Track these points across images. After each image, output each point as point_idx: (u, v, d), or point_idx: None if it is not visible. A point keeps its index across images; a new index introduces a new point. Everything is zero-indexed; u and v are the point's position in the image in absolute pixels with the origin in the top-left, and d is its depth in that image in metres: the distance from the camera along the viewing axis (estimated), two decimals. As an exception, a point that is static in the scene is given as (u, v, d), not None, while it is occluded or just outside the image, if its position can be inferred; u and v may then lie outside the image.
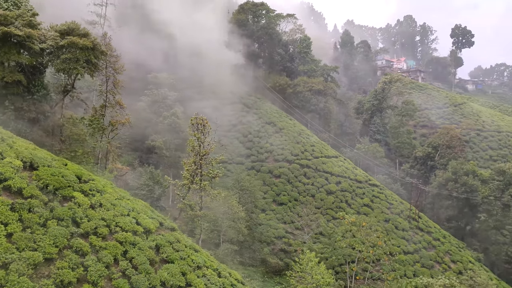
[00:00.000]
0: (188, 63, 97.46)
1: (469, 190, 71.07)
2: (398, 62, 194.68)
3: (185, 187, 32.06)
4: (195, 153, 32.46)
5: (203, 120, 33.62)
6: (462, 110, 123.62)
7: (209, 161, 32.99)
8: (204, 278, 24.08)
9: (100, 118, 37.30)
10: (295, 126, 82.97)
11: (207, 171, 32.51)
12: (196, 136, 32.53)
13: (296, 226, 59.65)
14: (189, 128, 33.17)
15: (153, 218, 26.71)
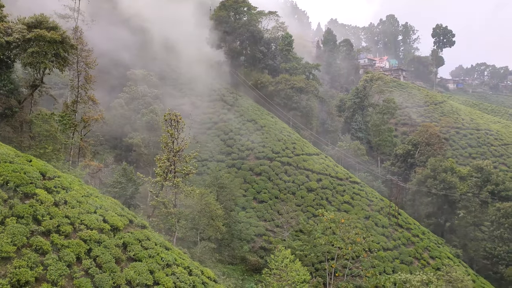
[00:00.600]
0: (168, 60, 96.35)
1: (448, 187, 71.83)
2: (380, 61, 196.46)
3: (158, 184, 31.33)
4: (169, 150, 31.74)
5: (176, 116, 32.88)
6: (442, 108, 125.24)
7: (183, 157, 32.28)
8: (173, 276, 23.44)
9: (71, 114, 36.21)
10: (276, 123, 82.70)
11: (180, 167, 31.79)
12: (169, 132, 31.80)
13: (276, 223, 59.33)
14: (162, 124, 32.40)
15: (122, 216, 25.94)
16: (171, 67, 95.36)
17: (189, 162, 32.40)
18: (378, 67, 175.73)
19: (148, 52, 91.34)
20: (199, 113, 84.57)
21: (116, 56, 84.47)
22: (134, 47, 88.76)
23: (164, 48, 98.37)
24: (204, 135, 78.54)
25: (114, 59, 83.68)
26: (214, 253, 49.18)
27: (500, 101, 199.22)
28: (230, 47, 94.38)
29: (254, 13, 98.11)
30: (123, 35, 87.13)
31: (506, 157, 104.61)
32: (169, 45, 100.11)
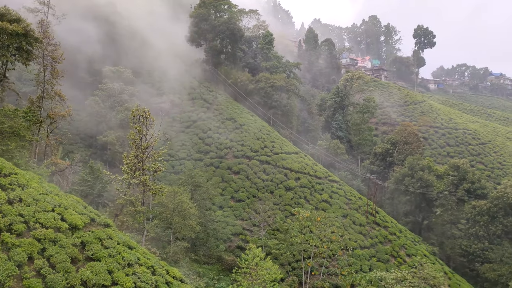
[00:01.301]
0: (147, 58, 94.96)
1: (425, 185, 72.43)
2: (362, 61, 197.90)
3: (125, 181, 30.48)
4: (136, 147, 30.90)
5: (145, 112, 32.05)
6: (421, 108, 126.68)
7: (151, 154, 31.47)
8: (134, 276, 22.65)
9: (36, 110, 35.02)
10: (256, 122, 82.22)
11: (149, 164, 30.98)
12: (137, 129, 30.95)
13: (253, 222, 58.79)
14: (130, 120, 31.55)
15: (83, 214, 25.03)
16: (150, 65, 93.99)
17: (158, 160, 31.59)
18: (360, 67, 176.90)
19: (126, 50, 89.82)
20: (178, 111, 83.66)
21: (92, 53, 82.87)
22: (112, 45, 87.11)
23: (143, 46, 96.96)
24: (183, 134, 77.65)
25: (90, 55, 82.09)
26: (189, 253, 48.45)
27: (480, 102, 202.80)
28: (210, 45, 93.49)
29: (234, 11, 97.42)
30: (99, 32, 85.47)
31: (483, 156, 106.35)
32: (148, 43, 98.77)
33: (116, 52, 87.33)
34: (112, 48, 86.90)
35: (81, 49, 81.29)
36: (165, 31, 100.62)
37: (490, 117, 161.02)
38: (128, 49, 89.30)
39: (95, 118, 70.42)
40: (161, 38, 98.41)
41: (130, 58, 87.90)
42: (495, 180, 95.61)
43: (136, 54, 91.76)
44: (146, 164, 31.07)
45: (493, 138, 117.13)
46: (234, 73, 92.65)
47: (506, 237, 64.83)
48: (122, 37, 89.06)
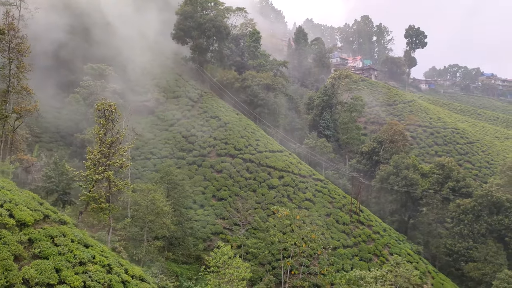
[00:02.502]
0: (132, 56, 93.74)
1: (410, 183, 71.85)
2: (353, 61, 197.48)
3: (89, 178, 29.46)
4: (101, 142, 29.89)
5: (110, 106, 31.04)
6: (411, 107, 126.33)
7: (117, 149, 30.46)
8: (85, 275, 21.66)
9: (1, 105, 33.90)
10: (241, 120, 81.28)
11: (113, 160, 29.95)
12: (101, 123, 29.94)
13: (234, 221, 57.85)
14: (95, 114, 30.52)
15: (36, 211, 24.00)
16: (135, 63, 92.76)
17: (123, 155, 30.57)
18: (350, 66, 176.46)
19: (110, 47, 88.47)
20: (163, 109, 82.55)
21: (74, 50, 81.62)
22: (96, 42, 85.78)
23: (129, 44, 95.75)
24: (166, 132, 76.57)
25: (72, 53, 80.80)
26: (165, 252, 47.42)
27: (471, 102, 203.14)
28: (196, 43, 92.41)
29: (221, 9, 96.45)
30: (80, 28, 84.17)
31: (471, 155, 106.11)
32: (134, 41, 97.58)
33: (102, 52, 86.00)
34: (95, 45, 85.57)
35: (63, 46, 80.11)
36: (152, 29, 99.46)
37: (480, 116, 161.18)
38: (112, 47, 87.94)
39: (75, 116, 69.24)
40: (147, 36, 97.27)
41: (114, 56, 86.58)
42: (483, 179, 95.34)
43: (121, 52, 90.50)
44: (111, 160, 30.00)
45: (481, 137, 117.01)
46: (220, 71, 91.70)
47: (491, 236, 64.38)
48: (105, 34, 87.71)
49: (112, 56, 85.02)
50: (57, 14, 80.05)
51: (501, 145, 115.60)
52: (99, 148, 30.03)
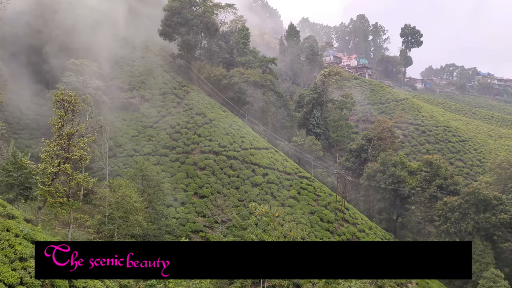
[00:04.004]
0: (119, 52, 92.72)
1: (397, 181, 70.75)
2: (348, 59, 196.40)
3: (46, 171, 28.32)
4: (58, 134, 28.76)
5: (70, 96, 29.91)
6: (403, 105, 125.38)
7: (76, 142, 29.33)
8: (24, 271, 20.52)
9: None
10: (227, 117, 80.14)
11: (72, 153, 28.80)
12: (59, 114, 28.82)
13: (215, 219, 56.76)
14: (53, 105, 29.41)
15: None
16: (122, 59, 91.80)
17: (84, 147, 29.43)
18: (344, 65, 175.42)
19: (96, 44, 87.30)
20: (148, 106, 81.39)
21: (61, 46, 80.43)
22: (81, 39, 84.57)
23: (116, 40, 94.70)
24: (151, 129, 75.38)
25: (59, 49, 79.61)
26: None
27: (467, 101, 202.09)
28: (184, 39, 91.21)
29: (209, 5, 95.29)
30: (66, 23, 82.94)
31: (463, 153, 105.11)
32: (120, 37, 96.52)
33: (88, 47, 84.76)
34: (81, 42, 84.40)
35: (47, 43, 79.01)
36: (139, 25, 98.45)
37: (475, 115, 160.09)
38: (98, 44, 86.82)
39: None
40: (135, 33, 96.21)
41: (99, 52, 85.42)
42: (474, 177, 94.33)
43: (107, 49, 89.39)
44: (70, 153, 28.86)
45: (474, 136, 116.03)
46: (207, 68, 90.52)
47: (477, 234, 63.26)
48: (91, 31, 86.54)
49: (97, 52, 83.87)
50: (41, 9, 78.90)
51: (494, 144, 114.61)
52: (56, 140, 28.86)
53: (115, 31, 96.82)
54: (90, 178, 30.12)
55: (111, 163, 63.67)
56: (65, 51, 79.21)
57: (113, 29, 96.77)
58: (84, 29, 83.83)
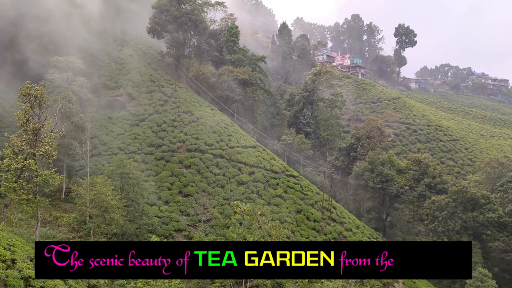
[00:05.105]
0: (106, 49, 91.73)
1: (385, 180, 70.09)
2: (342, 59, 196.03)
3: (11, 167, 27.36)
4: (24, 129, 27.86)
5: (37, 90, 28.98)
6: (395, 104, 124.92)
7: (42, 138, 28.40)
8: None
9: None
10: (215, 115, 79.25)
11: (37, 149, 27.88)
12: (24, 109, 27.91)
13: (199, 218, 55.84)
14: (18, 99, 28.46)
15: None
16: (109, 56, 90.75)
17: (49, 143, 28.49)
18: (337, 64, 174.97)
19: (82, 41, 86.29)
20: (134, 104, 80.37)
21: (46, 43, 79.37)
22: (67, 35, 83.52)
23: (103, 38, 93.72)
24: (137, 127, 74.38)
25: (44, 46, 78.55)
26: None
27: (460, 101, 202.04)
28: (173, 37, 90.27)
29: (198, 3, 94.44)
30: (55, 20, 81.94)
31: (454, 152, 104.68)
32: (108, 34, 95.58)
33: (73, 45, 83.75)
34: (67, 38, 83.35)
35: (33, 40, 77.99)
36: (128, 22, 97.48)
37: (468, 115, 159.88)
38: (84, 41, 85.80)
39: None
40: (123, 30, 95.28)
41: (85, 49, 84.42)
42: (465, 176, 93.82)
43: (93, 46, 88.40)
44: (36, 149, 27.94)
45: (465, 135, 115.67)
46: (196, 66, 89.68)
47: (465, 233, 62.62)
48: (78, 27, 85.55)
49: (83, 50, 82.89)
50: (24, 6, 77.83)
51: (485, 143, 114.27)
52: (22, 135, 27.97)
53: (103, 28, 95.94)
54: (57, 174, 29.14)
55: (95, 162, 62.69)
56: (49, 48, 78.21)
57: (101, 26, 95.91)
58: (70, 26, 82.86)
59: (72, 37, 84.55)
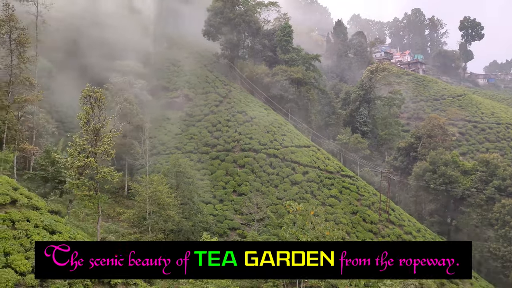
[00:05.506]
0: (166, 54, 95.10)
1: (448, 181, 66.00)
2: (401, 55, 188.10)
3: (74, 165, 29.00)
4: (85, 128, 29.43)
5: (96, 92, 30.45)
6: (460, 101, 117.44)
7: (101, 137, 29.83)
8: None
9: (1, 95, 34.60)
10: (269, 115, 79.22)
11: (97, 147, 29.32)
12: (85, 110, 29.46)
13: (253, 217, 56.02)
14: (80, 101, 30.11)
15: (3, 195, 23.69)
16: (167, 60, 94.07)
17: (107, 142, 29.85)
18: (396, 61, 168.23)
19: (142, 45, 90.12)
20: (191, 105, 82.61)
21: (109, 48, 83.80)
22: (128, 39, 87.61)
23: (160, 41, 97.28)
24: (193, 127, 76.38)
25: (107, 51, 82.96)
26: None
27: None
28: (227, 39, 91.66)
29: (252, 4, 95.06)
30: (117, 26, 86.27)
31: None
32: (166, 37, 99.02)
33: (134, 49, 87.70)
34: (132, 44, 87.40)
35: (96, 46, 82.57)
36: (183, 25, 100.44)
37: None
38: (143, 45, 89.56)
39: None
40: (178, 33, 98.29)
41: (146, 54, 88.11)
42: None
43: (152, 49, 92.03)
44: (96, 147, 29.42)
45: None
46: (250, 66, 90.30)
47: (541, 240, 57.35)
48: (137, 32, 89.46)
49: (143, 53, 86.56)
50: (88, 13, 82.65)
51: None
52: (84, 135, 29.57)
53: (160, 32, 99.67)
54: (115, 172, 30.45)
55: (154, 161, 65.15)
56: (112, 53, 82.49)
57: (158, 30, 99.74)
58: (131, 32, 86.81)
59: (132, 42, 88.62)
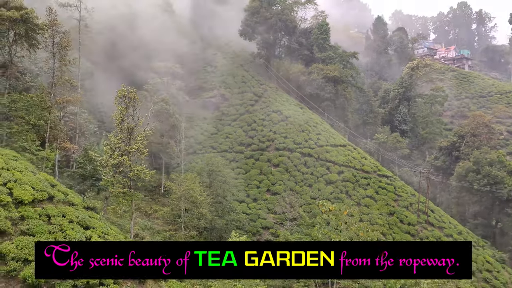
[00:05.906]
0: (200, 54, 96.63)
1: (493, 182, 62.74)
2: (446, 51, 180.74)
3: (109, 163, 30.17)
4: (120, 128, 30.53)
5: (131, 93, 31.51)
6: (508, 98, 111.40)
7: (135, 136, 30.84)
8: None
9: (44, 96, 36.54)
10: (303, 114, 78.64)
11: (131, 146, 30.33)
12: (120, 109, 30.56)
13: (286, 216, 55.90)
14: (115, 100, 31.24)
15: (41, 191, 24.97)
16: (204, 60, 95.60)
17: (140, 141, 30.80)
18: (440, 57, 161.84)
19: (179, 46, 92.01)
20: (227, 105, 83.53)
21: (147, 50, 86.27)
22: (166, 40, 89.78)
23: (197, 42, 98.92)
24: (229, 127, 77.18)
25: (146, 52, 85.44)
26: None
27: None
28: (263, 38, 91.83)
29: (288, 3, 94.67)
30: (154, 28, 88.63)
31: None
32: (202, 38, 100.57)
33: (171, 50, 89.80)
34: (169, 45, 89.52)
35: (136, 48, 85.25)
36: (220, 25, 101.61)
37: None
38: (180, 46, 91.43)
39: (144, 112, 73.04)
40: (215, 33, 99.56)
41: (183, 55, 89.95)
42: None
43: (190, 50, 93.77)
44: (130, 146, 30.46)
45: None
46: (286, 65, 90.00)
47: None
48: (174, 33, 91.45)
49: (180, 54, 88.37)
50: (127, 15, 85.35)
51: None
52: (118, 133, 30.70)
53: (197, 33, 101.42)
54: (148, 170, 31.40)
55: (190, 160, 66.43)
56: (151, 55, 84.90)
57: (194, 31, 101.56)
58: (168, 33, 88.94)
59: (169, 43, 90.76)
